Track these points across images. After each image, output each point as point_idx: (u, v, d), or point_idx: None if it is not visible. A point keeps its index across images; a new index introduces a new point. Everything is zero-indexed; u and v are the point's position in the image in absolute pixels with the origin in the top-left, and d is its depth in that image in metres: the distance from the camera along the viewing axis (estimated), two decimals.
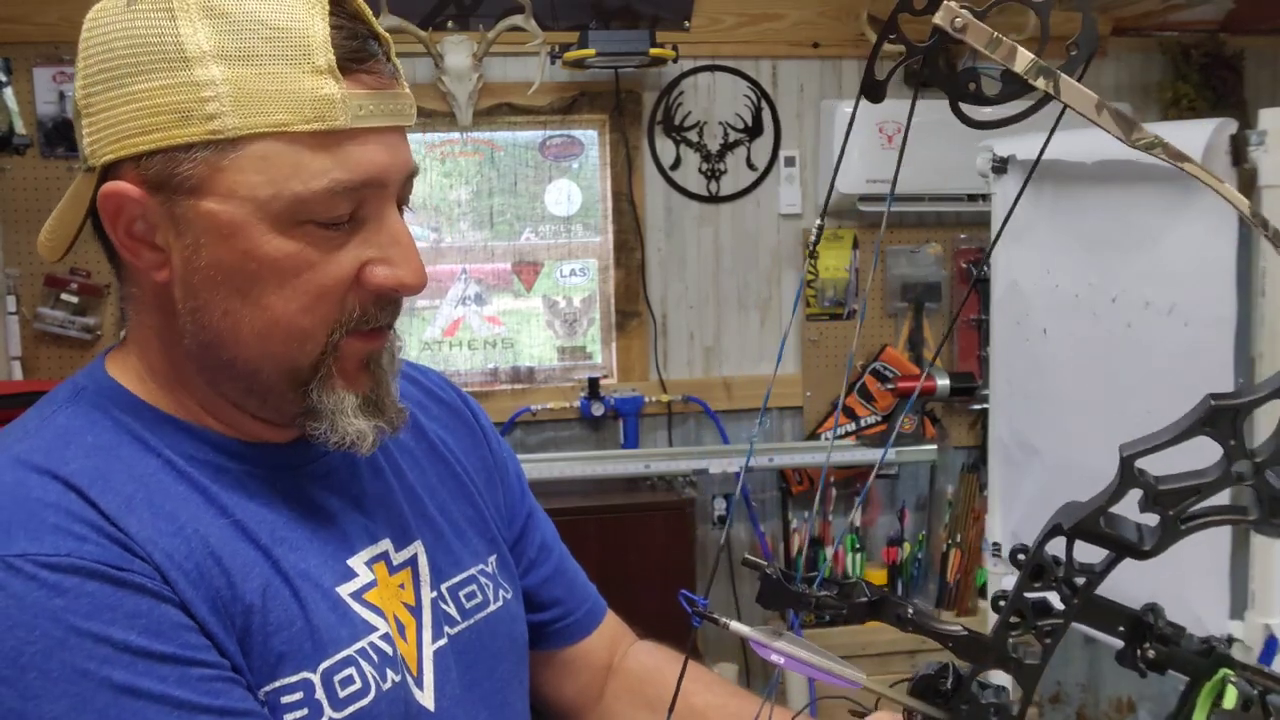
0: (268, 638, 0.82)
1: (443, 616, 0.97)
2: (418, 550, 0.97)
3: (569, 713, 1.16)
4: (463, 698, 0.95)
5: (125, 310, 0.90)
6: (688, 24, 3.26)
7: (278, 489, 0.89)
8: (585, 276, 3.41)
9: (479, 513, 1.06)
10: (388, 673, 0.88)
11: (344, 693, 0.85)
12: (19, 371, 2.93)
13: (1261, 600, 1.70)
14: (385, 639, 0.89)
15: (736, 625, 0.75)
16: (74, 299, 2.98)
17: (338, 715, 0.84)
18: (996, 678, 0.71)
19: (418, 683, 0.92)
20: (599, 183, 3.36)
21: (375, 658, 0.88)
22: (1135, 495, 0.64)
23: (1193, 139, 1.67)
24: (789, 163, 3.38)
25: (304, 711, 0.83)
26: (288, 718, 0.82)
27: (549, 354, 3.42)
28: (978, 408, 3.40)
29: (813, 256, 3.38)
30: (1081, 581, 0.67)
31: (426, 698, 0.92)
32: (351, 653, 0.86)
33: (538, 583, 1.13)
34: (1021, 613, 0.68)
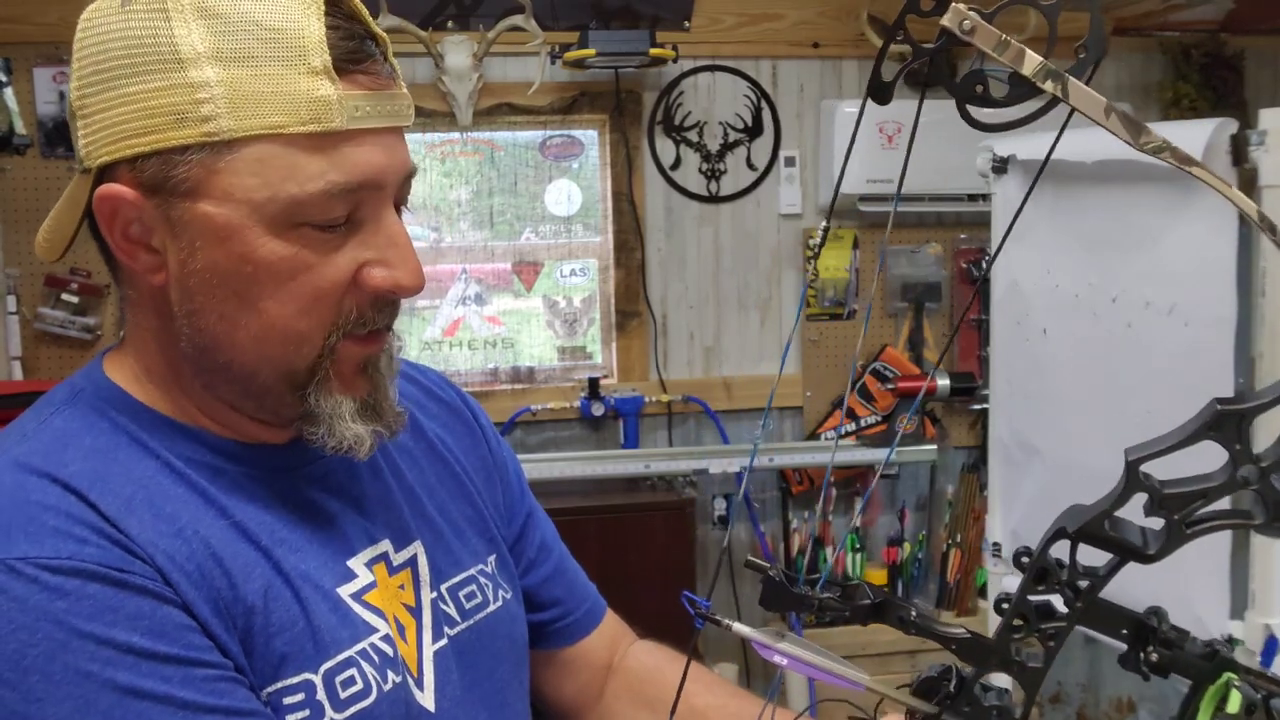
0: (269, 639, 0.82)
1: (443, 617, 0.97)
2: (417, 551, 0.97)
3: (569, 712, 1.16)
4: (463, 698, 0.95)
5: (123, 312, 0.89)
6: (688, 24, 3.26)
7: (276, 491, 0.89)
8: (585, 276, 3.41)
9: (478, 512, 1.06)
10: (389, 674, 0.88)
11: (345, 694, 0.85)
12: (19, 371, 2.93)
13: (1262, 600, 1.70)
14: (386, 640, 0.89)
15: (739, 626, 0.74)
16: (74, 299, 2.98)
17: (339, 716, 0.84)
18: (998, 679, 0.71)
19: (418, 684, 0.92)
20: (599, 183, 3.36)
21: (376, 659, 0.88)
22: (1140, 499, 0.64)
23: (1193, 139, 1.67)
24: (789, 163, 3.38)
25: (305, 712, 0.83)
26: (289, 718, 0.82)
27: (549, 354, 3.42)
28: (978, 408, 3.40)
29: (815, 258, 3.38)
30: (1085, 585, 0.66)
31: (427, 699, 0.92)
32: (352, 654, 0.86)
33: (537, 582, 1.13)
34: (1025, 616, 0.68)
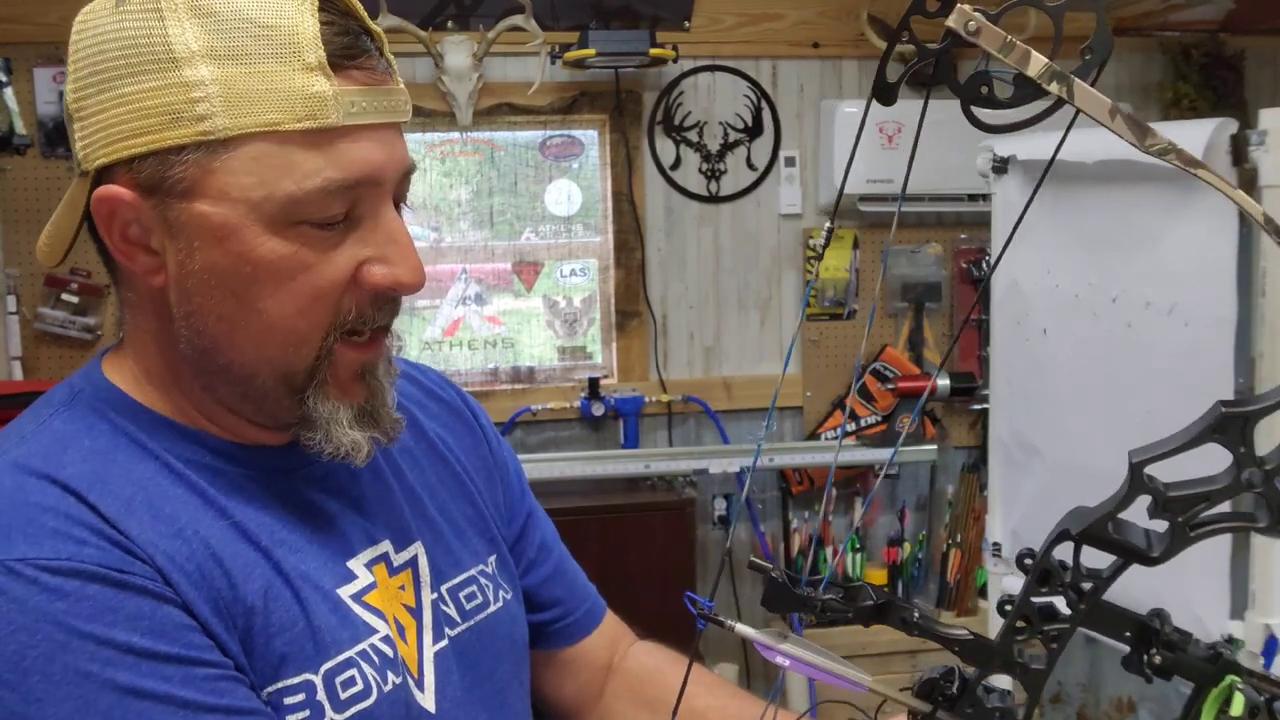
0: (269, 639, 0.82)
1: (443, 618, 0.96)
2: (418, 551, 0.97)
3: (569, 712, 1.16)
4: (463, 699, 0.95)
5: (122, 313, 0.89)
6: (688, 24, 3.26)
7: (276, 492, 0.88)
8: (585, 276, 3.41)
9: (479, 512, 1.06)
10: (389, 675, 0.88)
11: (345, 694, 0.85)
12: (19, 371, 2.93)
13: (1262, 600, 1.70)
14: (386, 641, 0.89)
15: (742, 627, 0.74)
16: (74, 299, 2.98)
17: (339, 717, 0.84)
18: (998, 681, 0.71)
19: (419, 684, 0.91)
20: (599, 183, 3.36)
21: (376, 660, 0.88)
22: (1143, 501, 0.64)
23: (1193, 139, 1.67)
24: (789, 163, 3.38)
25: (306, 713, 0.82)
26: (290, 718, 0.82)
27: (549, 354, 3.42)
28: (978, 408, 3.40)
29: (819, 259, 3.38)
30: (1088, 587, 0.66)
31: (427, 699, 0.92)
32: (353, 654, 0.86)
33: (537, 583, 1.13)
34: (1028, 617, 0.68)
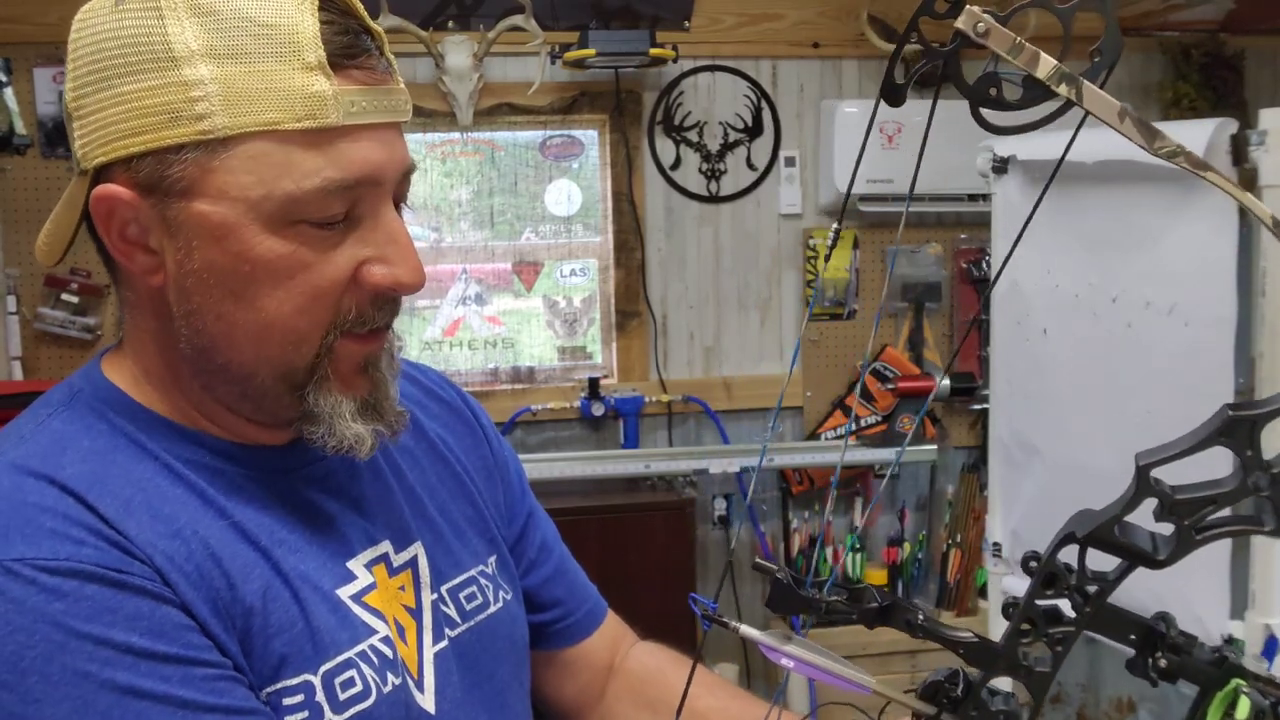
0: (268, 640, 0.82)
1: (443, 619, 0.96)
2: (418, 552, 0.97)
3: (569, 713, 1.16)
4: (463, 700, 0.95)
5: (122, 313, 0.89)
6: (688, 24, 3.26)
7: (275, 492, 0.88)
8: (585, 276, 3.41)
9: (479, 513, 1.06)
10: (388, 676, 0.88)
11: (344, 695, 0.84)
12: (19, 371, 2.93)
13: (1262, 600, 1.70)
14: (385, 642, 0.89)
15: (746, 629, 0.74)
16: (74, 299, 2.98)
17: (338, 717, 0.84)
18: (999, 683, 0.71)
19: (418, 685, 0.91)
20: (599, 183, 3.36)
21: (376, 660, 0.87)
22: (1148, 504, 0.64)
23: (1193, 139, 1.66)
24: (789, 163, 3.38)
25: (305, 714, 0.82)
26: (288, 719, 0.82)
27: (549, 354, 3.42)
28: (978, 408, 3.40)
29: (826, 259, 3.38)
30: (1094, 590, 0.66)
31: (427, 700, 0.91)
32: (352, 655, 0.86)
33: (538, 583, 1.13)
34: (1033, 620, 0.68)
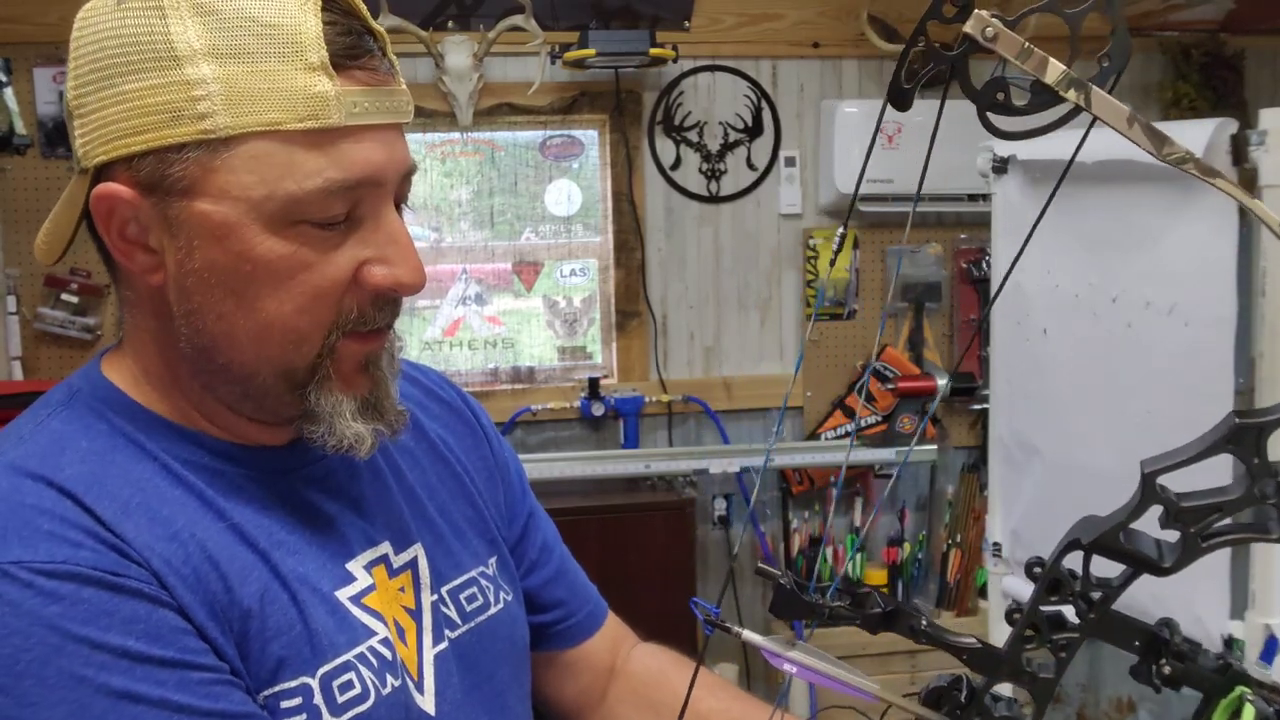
0: (266, 643, 0.82)
1: (443, 620, 0.96)
2: (417, 553, 0.97)
3: (571, 715, 1.16)
4: (463, 702, 0.95)
5: (122, 313, 0.89)
6: (688, 24, 3.26)
7: (274, 493, 0.88)
8: (585, 276, 3.41)
9: (479, 513, 1.06)
10: (387, 678, 0.88)
11: (343, 698, 0.84)
12: (19, 371, 2.93)
13: (1261, 600, 1.70)
14: (385, 643, 0.89)
15: (749, 635, 0.74)
16: (74, 299, 2.98)
17: None
18: (1001, 688, 0.71)
19: (418, 687, 0.91)
20: (599, 183, 3.36)
21: (375, 662, 0.87)
22: (1153, 511, 0.63)
23: (1193, 139, 1.66)
24: (789, 163, 3.37)
25: (302, 717, 0.82)
26: None
27: (549, 354, 3.42)
28: (978, 408, 3.40)
29: (832, 264, 3.38)
30: (1098, 596, 0.66)
31: (427, 702, 0.91)
32: (350, 658, 0.86)
33: (539, 584, 1.12)
34: (1037, 626, 0.67)
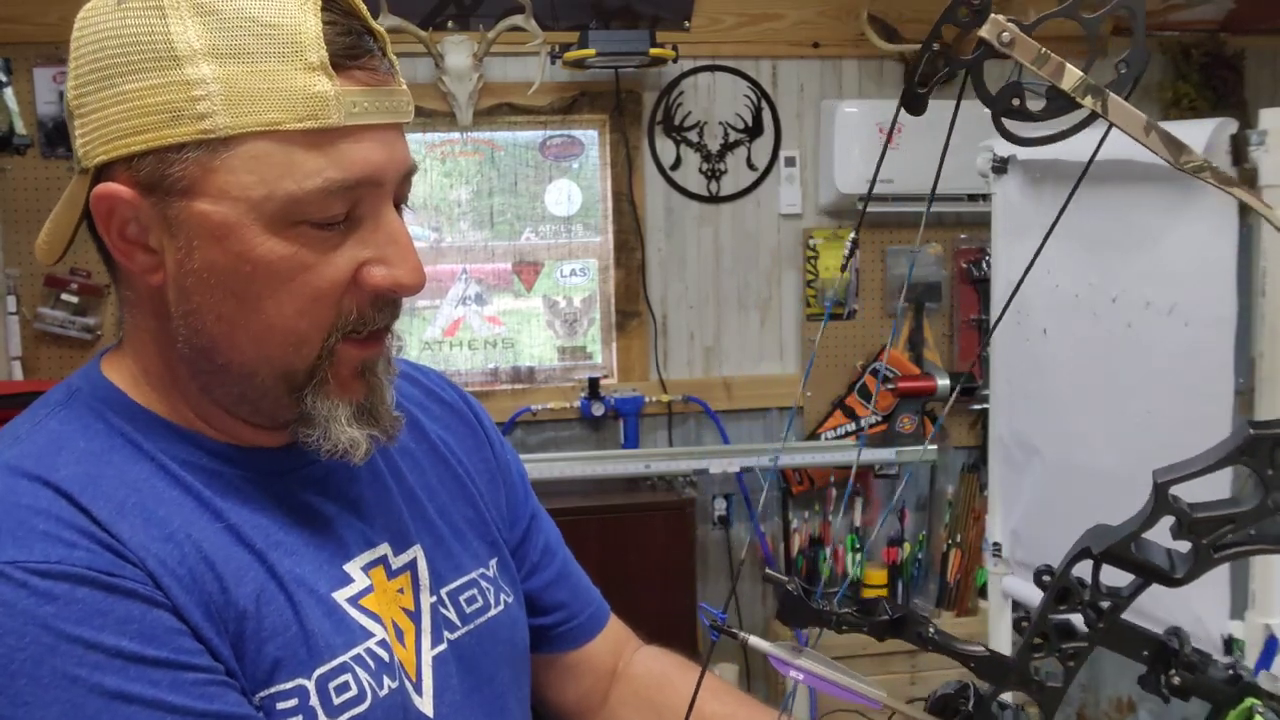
0: (262, 644, 0.82)
1: (442, 622, 0.96)
2: (417, 555, 0.96)
3: (572, 717, 1.15)
4: (463, 704, 0.94)
5: (122, 313, 0.89)
6: (688, 24, 3.26)
7: (272, 494, 0.88)
8: (585, 276, 3.41)
9: (480, 515, 1.05)
10: (384, 679, 0.87)
11: (339, 699, 0.84)
12: (19, 371, 2.93)
13: (1261, 600, 1.70)
14: (382, 645, 0.89)
15: (756, 641, 0.74)
16: (74, 299, 2.98)
17: None
18: (1005, 695, 0.71)
19: (416, 689, 0.91)
20: (599, 183, 3.36)
21: (372, 664, 0.87)
22: (1165, 521, 0.63)
23: (1193, 139, 1.66)
24: (789, 163, 3.37)
25: (298, 718, 0.82)
26: None
27: (549, 354, 3.41)
28: (978, 408, 3.40)
29: (843, 268, 3.38)
30: (1107, 605, 0.66)
31: (426, 704, 0.91)
32: (347, 659, 0.86)
33: (541, 586, 1.12)
34: (1045, 635, 0.67)
